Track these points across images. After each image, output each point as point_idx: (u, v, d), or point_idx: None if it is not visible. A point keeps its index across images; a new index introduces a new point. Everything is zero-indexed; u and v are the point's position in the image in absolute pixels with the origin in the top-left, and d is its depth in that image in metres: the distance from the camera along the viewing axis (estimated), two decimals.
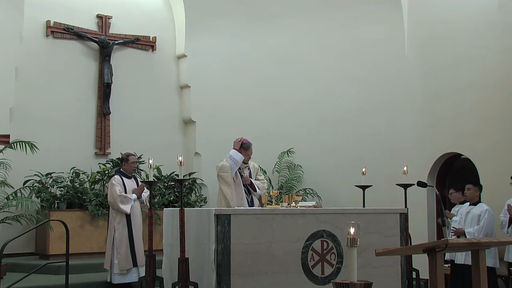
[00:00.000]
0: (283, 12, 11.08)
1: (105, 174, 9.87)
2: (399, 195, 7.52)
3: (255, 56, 11.20)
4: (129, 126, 10.79)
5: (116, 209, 7.64)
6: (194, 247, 5.95)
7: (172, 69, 11.43)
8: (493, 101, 8.57)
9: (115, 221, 7.66)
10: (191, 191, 10.69)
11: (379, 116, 10.31)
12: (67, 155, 9.99)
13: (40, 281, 7.68)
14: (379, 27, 10.33)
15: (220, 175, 7.39)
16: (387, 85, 10.23)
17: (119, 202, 7.61)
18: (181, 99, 11.46)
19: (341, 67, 10.72)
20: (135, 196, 7.78)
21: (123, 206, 7.61)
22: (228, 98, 11.09)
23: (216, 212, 5.73)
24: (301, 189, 10.71)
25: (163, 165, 10.30)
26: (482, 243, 4.70)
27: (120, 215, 7.65)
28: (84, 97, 10.54)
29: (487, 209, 7.46)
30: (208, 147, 10.82)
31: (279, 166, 11.08)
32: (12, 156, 8.64)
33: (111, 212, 7.77)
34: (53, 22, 10.27)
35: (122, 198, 7.64)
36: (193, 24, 11.14)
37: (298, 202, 6.92)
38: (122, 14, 11.00)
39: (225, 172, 7.35)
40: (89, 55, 10.68)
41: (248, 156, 7.62)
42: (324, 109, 10.82)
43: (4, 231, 8.50)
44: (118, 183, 7.70)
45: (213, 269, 5.63)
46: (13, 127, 9.35)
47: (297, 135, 10.97)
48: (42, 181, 9.43)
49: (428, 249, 4.42)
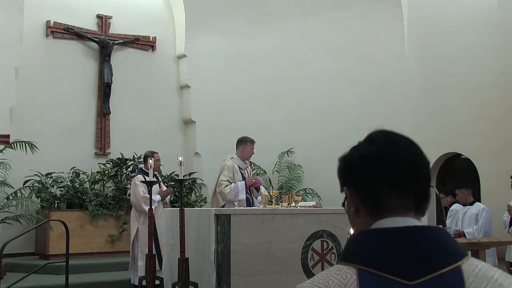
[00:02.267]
0: (283, 12, 11.08)
1: (105, 174, 9.87)
2: None
3: (255, 56, 11.20)
4: (129, 126, 10.79)
5: (139, 210, 7.58)
6: (194, 247, 5.95)
7: (172, 69, 11.42)
8: (493, 101, 8.57)
9: (138, 222, 7.58)
10: (191, 191, 10.68)
11: (379, 116, 10.29)
12: (67, 155, 9.98)
13: (40, 281, 7.68)
14: (379, 27, 10.33)
15: (219, 193, 7.26)
16: (387, 84, 10.23)
17: (142, 203, 7.51)
18: (181, 99, 11.45)
19: (341, 66, 10.72)
20: (159, 197, 7.71)
21: (147, 208, 7.48)
22: (228, 98, 11.09)
23: (216, 212, 5.73)
24: (301, 189, 10.71)
25: (163, 165, 10.25)
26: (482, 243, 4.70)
27: (143, 216, 7.49)
28: (84, 97, 10.53)
29: (484, 207, 7.48)
30: (208, 147, 10.82)
31: (279, 166, 11.08)
32: (12, 156, 8.64)
33: (133, 212, 7.70)
34: (53, 22, 10.26)
35: (146, 199, 7.32)
36: (193, 24, 11.14)
37: (298, 202, 6.91)
38: (122, 14, 10.99)
39: (223, 197, 7.21)
40: (89, 55, 10.68)
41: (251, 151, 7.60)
42: (324, 108, 10.81)
43: (4, 231, 8.50)
44: (141, 184, 7.59)
45: (213, 269, 5.63)
46: (13, 127, 9.35)
47: (297, 135, 10.97)
48: (42, 181, 9.43)
49: None
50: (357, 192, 1.39)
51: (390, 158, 1.36)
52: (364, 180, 1.37)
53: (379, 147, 1.38)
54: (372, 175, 1.36)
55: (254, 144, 7.65)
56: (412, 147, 1.39)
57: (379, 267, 1.28)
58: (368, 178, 1.37)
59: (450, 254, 1.31)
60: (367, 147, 1.40)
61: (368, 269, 1.29)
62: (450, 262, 1.29)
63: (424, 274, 1.27)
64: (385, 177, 1.35)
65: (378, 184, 1.36)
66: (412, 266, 1.27)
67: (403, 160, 1.36)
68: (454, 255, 1.31)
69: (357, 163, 1.40)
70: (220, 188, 7.23)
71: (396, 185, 1.35)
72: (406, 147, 1.38)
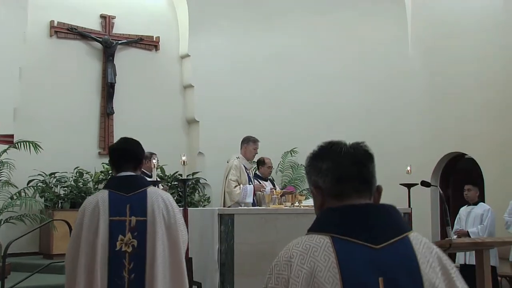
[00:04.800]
0: (286, 11, 11.07)
1: (108, 173, 9.88)
2: (403, 194, 7.51)
3: (259, 55, 11.19)
4: (132, 126, 10.76)
5: None
6: (197, 247, 5.95)
7: (175, 69, 11.43)
8: (498, 101, 8.55)
9: None
10: (195, 190, 10.69)
11: (383, 116, 10.30)
12: (70, 155, 10.00)
13: (44, 280, 7.69)
14: (383, 26, 10.32)
15: (228, 192, 7.32)
16: (391, 85, 10.21)
17: None
18: (184, 99, 11.46)
19: (345, 66, 10.71)
20: None
21: None
22: (232, 97, 11.08)
23: (219, 212, 5.73)
24: (304, 189, 10.70)
25: (167, 164, 10.29)
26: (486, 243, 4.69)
27: None
28: (88, 97, 10.54)
29: (489, 208, 7.46)
30: (212, 147, 10.82)
31: (283, 165, 11.08)
32: (16, 156, 8.65)
33: None
34: (57, 22, 10.28)
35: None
36: (196, 24, 11.14)
37: (301, 201, 6.91)
38: (126, 14, 11.00)
39: (231, 197, 7.26)
40: (92, 55, 10.69)
41: (253, 151, 7.60)
42: (327, 108, 10.80)
43: (8, 231, 8.51)
44: None
45: (217, 268, 5.63)
46: (17, 127, 9.36)
47: (300, 134, 10.95)
48: (46, 181, 9.44)
49: None
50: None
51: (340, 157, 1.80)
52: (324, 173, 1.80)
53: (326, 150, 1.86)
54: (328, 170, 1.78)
55: (257, 143, 7.65)
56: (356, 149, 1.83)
57: (349, 234, 1.65)
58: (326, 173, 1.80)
59: (399, 226, 1.70)
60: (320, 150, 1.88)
61: (339, 236, 1.65)
62: (401, 232, 1.68)
63: (384, 240, 1.64)
64: (338, 172, 1.77)
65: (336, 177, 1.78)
66: (374, 233, 1.65)
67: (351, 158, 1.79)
68: (402, 227, 1.70)
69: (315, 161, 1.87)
70: (230, 188, 7.25)
71: (349, 176, 1.76)
72: (347, 151, 1.81)
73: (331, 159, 1.79)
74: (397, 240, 1.65)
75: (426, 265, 1.64)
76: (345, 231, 1.65)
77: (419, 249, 1.66)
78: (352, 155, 1.80)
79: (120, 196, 3.60)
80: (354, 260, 1.61)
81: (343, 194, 1.74)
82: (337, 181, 1.76)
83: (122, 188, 3.65)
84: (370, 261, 1.62)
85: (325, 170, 1.78)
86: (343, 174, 1.76)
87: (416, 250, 1.66)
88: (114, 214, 3.54)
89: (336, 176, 1.76)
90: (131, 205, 3.57)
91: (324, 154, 1.83)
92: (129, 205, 3.56)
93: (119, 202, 3.57)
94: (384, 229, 1.67)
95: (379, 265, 1.61)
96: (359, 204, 1.71)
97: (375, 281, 1.59)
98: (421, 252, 1.66)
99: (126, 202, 3.57)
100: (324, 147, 1.85)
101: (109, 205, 3.55)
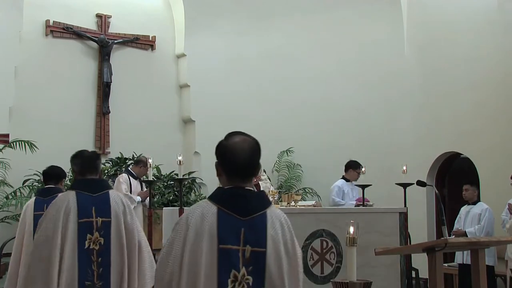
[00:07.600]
0: (283, 11, 11.07)
1: (104, 173, 9.86)
2: (399, 194, 7.53)
3: (255, 55, 11.19)
4: (128, 126, 10.78)
5: None
6: None
7: (171, 68, 11.42)
8: (493, 100, 8.58)
9: None
10: (191, 190, 10.68)
11: (379, 115, 10.31)
12: (66, 155, 9.92)
13: None
14: (378, 27, 10.33)
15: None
16: (386, 84, 10.22)
17: None
18: (180, 98, 11.46)
19: (341, 66, 10.72)
20: (139, 198, 7.77)
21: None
22: (228, 97, 11.09)
23: None
24: (300, 189, 10.71)
25: (163, 164, 10.28)
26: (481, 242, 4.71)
27: None
28: (84, 97, 10.53)
29: (487, 208, 7.47)
30: (208, 147, 10.64)
31: (279, 165, 11.08)
32: (11, 156, 8.65)
33: None
34: (53, 21, 10.26)
35: (128, 197, 7.61)
36: (192, 23, 11.14)
37: (297, 201, 6.92)
38: (122, 13, 10.99)
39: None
40: (88, 54, 10.67)
41: None
42: (323, 108, 10.81)
43: (4, 231, 8.50)
44: (125, 182, 7.70)
45: None
46: (13, 126, 9.35)
47: (296, 134, 10.96)
48: (41, 181, 9.43)
49: (428, 248, 4.42)
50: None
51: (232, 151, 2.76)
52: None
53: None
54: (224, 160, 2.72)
55: None
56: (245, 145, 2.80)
57: (227, 207, 2.58)
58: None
59: (262, 204, 2.64)
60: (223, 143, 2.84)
61: (221, 208, 2.58)
62: (262, 208, 2.61)
63: (249, 214, 2.57)
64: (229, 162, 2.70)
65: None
66: (243, 208, 2.57)
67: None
68: (263, 204, 2.63)
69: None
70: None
71: (235, 167, 2.66)
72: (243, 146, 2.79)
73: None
74: (259, 214, 2.58)
75: (271, 229, 2.59)
76: (226, 205, 2.58)
77: (270, 220, 2.60)
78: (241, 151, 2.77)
79: (86, 196, 4.08)
80: (228, 223, 2.55)
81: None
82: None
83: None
84: (237, 226, 2.55)
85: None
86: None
87: (268, 221, 2.59)
88: (82, 217, 4.01)
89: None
90: (96, 207, 4.06)
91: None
92: (94, 207, 4.05)
93: (87, 203, 4.05)
94: (251, 206, 2.58)
95: (243, 229, 2.55)
96: (236, 187, 2.62)
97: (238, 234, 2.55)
98: (270, 221, 2.60)
99: (92, 204, 4.06)
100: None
101: (77, 207, 4.02)
